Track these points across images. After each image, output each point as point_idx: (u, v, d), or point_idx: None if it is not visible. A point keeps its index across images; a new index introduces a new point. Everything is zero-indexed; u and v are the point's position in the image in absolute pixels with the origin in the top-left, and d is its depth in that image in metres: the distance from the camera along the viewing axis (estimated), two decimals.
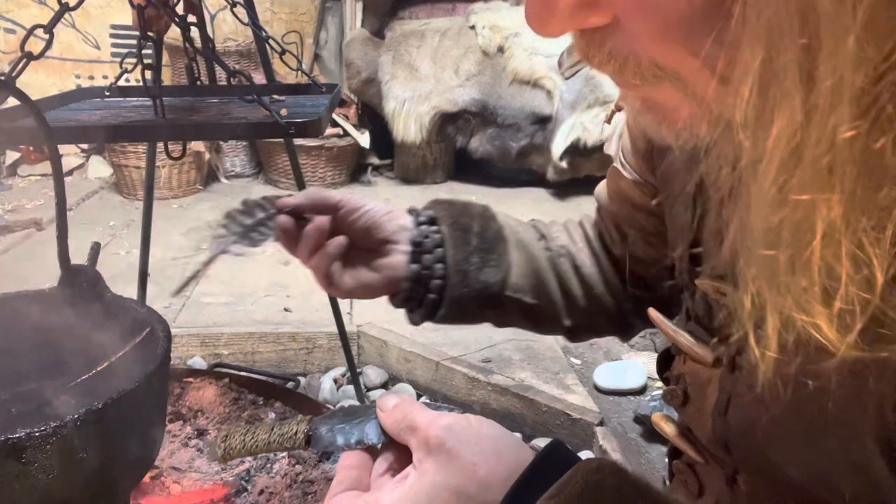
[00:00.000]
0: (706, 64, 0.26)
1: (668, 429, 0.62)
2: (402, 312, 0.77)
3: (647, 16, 0.27)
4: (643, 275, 0.77)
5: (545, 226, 0.81)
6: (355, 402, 1.86)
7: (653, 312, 0.63)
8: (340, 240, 0.69)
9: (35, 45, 0.75)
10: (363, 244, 0.72)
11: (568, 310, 0.78)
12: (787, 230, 0.25)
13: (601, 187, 0.79)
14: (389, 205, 0.73)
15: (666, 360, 0.66)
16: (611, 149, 0.79)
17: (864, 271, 0.25)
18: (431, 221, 0.73)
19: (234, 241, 0.67)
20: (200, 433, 1.56)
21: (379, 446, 0.51)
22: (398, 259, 0.71)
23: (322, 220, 0.68)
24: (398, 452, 0.50)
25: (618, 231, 0.77)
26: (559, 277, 0.77)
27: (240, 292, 2.49)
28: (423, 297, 0.72)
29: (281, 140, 2.86)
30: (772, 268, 0.27)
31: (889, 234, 0.24)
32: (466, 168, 4.23)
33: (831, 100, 0.22)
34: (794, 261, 0.26)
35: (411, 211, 0.75)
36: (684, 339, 0.57)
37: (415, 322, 0.75)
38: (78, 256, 0.81)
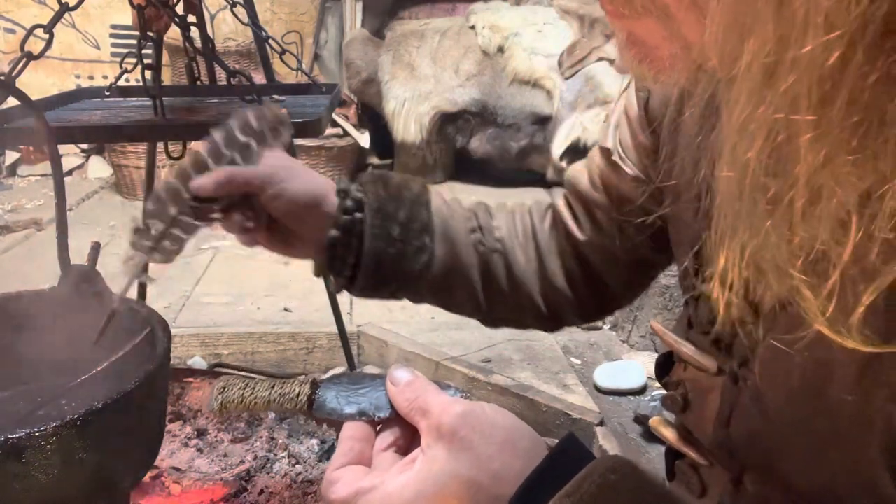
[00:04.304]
0: (695, 6, 0.26)
1: (668, 433, 0.61)
2: (402, 313, 0.76)
3: None
4: (598, 268, 0.77)
5: (486, 214, 0.79)
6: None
7: (654, 324, 0.62)
8: (260, 236, 0.69)
9: (35, 45, 0.75)
10: (284, 221, 0.70)
11: (488, 302, 0.77)
12: (760, 159, 0.25)
13: (577, 170, 0.77)
14: (315, 180, 0.70)
15: (664, 365, 0.65)
16: (607, 140, 0.77)
17: (840, 215, 0.24)
18: (358, 204, 0.71)
19: (147, 258, 0.65)
20: (200, 433, 1.56)
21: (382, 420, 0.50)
22: (318, 238, 0.70)
23: (240, 219, 0.67)
24: (402, 428, 0.49)
25: (590, 218, 0.75)
26: (486, 273, 0.76)
27: (240, 292, 2.49)
28: (340, 270, 0.71)
29: None
30: (740, 200, 0.27)
31: (869, 172, 0.23)
32: (466, 168, 4.23)
33: (804, 21, 0.22)
34: (766, 197, 0.25)
35: (340, 191, 0.72)
36: (686, 348, 0.57)
37: (336, 288, 0.75)
38: (78, 256, 0.81)
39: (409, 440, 0.49)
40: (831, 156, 0.23)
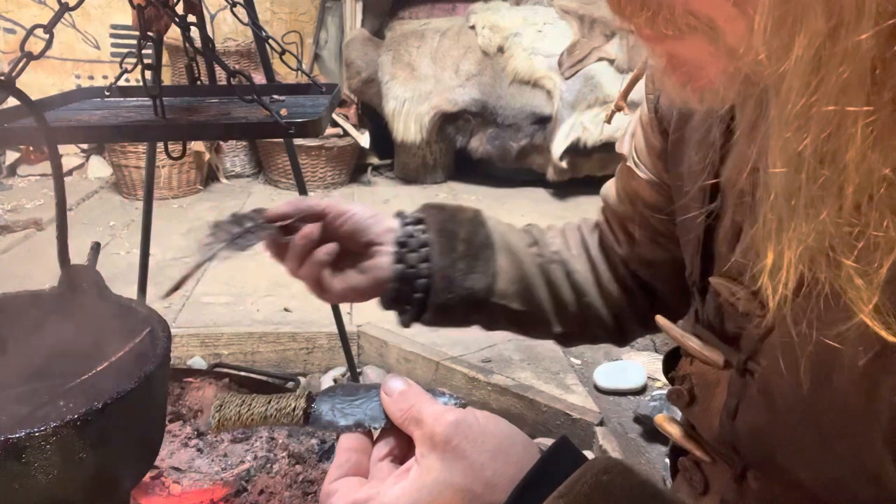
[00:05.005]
0: (740, 9, 0.26)
1: (673, 430, 0.61)
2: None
3: None
4: (646, 278, 0.77)
5: (540, 231, 0.81)
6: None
7: (660, 318, 0.62)
8: (331, 246, 0.70)
9: (35, 45, 0.75)
10: (351, 248, 0.72)
11: (558, 316, 0.77)
12: (814, 150, 0.25)
13: (608, 186, 0.78)
14: (376, 209, 0.74)
15: (671, 360, 0.66)
16: (623, 147, 0.77)
17: (893, 201, 0.24)
18: (418, 223, 0.74)
19: (221, 248, 0.68)
20: (200, 433, 1.56)
21: (379, 430, 0.51)
22: (384, 260, 0.72)
23: (310, 228, 0.69)
24: (398, 437, 0.49)
25: (624, 232, 0.76)
26: (549, 284, 0.77)
27: (240, 292, 2.49)
28: (409, 298, 0.73)
29: (281, 140, 2.86)
30: (794, 193, 0.26)
31: None
32: (466, 168, 4.23)
33: (857, 9, 0.22)
34: (818, 186, 0.25)
35: (399, 214, 0.75)
36: (693, 342, 0.57)
37: (405, 324, 0.76)
38: (78, 256, 0.81)
39: (405, 449, 0.49)
40: (882, 136, 0.23)
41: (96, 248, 0.83)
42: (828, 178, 0.25)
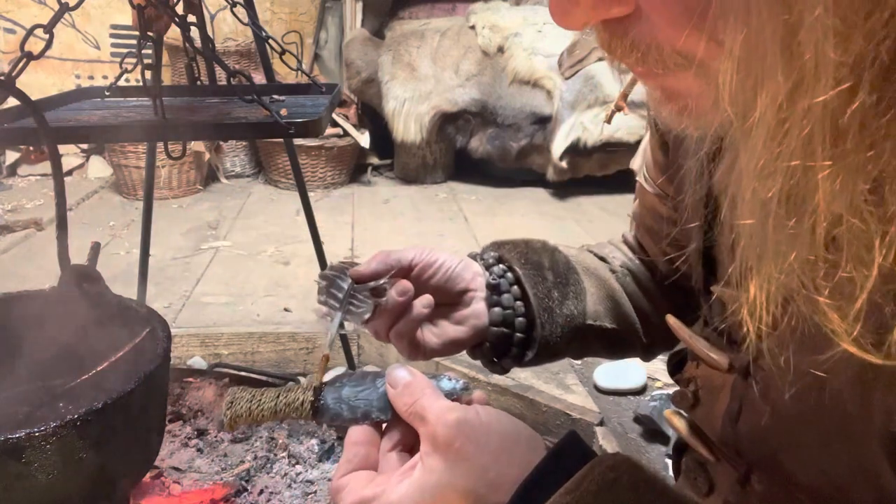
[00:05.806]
0: (718, 44, 0.26)
1: (680, 425, 0.62)
2: None
3: (667, 3, 0.27)
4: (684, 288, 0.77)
5: (599, 248, 0.80)
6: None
7: (670, 318, 0.62)
8: (428, 298, 0.65)
9: (35, 45, 0.75)
10: (438, 299, 0.67)
11: (644, 328, 0.76)
12: (779, 200, 0.26)
13: (634, 205, 0.79)
14: (456, 253, 0.70)
15: (677, 363, 0.66)
16: (635, 163, 0.79)
17: (862, 240, 0.25)
18: (498, 261, 0.71)
19: (342, 317, 0.62)
20: (200, 433, 1.56)
21: (385, 422, 0.51)
22: (481, 306, 0.68)
23: (407, 284, 0.63)
24: (406, 427, 0.50)
25: (643, 246, 0.78)
26: (630, 297, 0.76)
27: (240, 292, 2.49)
28: (510, 340, 0.70)
29: (281, 140, 2.86)
30: (763, 240, 0.27)
31: (887, 197, 0.24)
32: (466, 168, 4.24)
33: (815, 71, 0.23)
34: (786, 230, 0.26)
35: (476, 256, 0.72)
36: (700, 344, 0.57)
37: (504, 370, 0.72)
38: (78, 256, 0.81)
39: (413, 438, 0.49)
40: (845, 182, 0.24)
41: (96, 248, 0.83)
42: (794, 225, 0.26)
